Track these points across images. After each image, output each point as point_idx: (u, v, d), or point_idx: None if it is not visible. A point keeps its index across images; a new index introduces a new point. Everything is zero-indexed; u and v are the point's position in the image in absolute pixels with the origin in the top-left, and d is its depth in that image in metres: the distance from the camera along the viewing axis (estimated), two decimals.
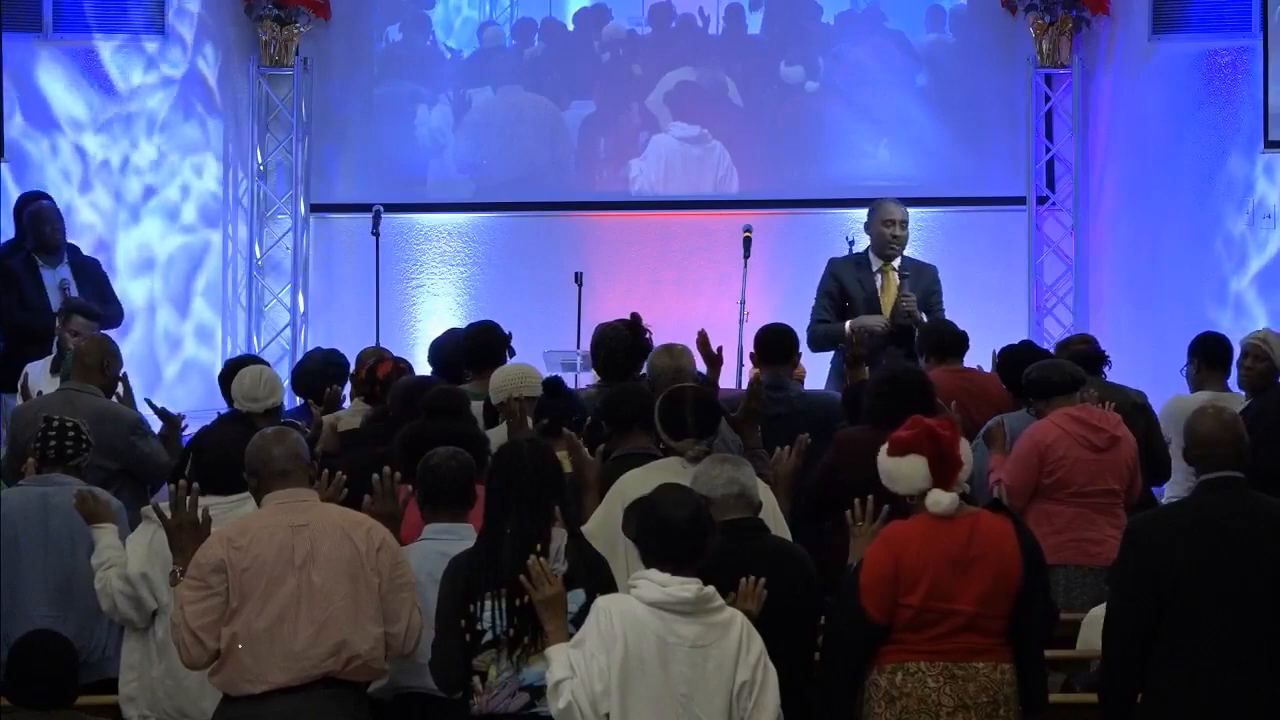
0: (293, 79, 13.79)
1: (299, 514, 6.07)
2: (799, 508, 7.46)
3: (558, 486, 6.05)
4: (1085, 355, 8.95)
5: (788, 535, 6.81)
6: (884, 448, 6.16)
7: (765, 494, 6.78)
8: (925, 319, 10.26)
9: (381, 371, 8.67)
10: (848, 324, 10.17)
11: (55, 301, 10.88)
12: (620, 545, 6.24)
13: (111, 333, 10.62)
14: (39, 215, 11.25)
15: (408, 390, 8.04)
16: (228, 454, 6.63)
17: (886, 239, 10.48)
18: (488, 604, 5.86)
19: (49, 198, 11.75)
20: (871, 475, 7.04)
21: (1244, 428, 6.06)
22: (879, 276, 10.50)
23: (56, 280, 11.06)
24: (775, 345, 8.99)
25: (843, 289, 10.45)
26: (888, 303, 10.42)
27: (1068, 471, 8.11)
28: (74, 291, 10.98)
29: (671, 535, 5.65)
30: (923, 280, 10.52)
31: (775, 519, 6.78)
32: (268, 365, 8.86)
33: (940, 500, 6.02)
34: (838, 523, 7.60)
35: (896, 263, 10.50)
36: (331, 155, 14.01)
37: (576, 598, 5.83)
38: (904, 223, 10.54)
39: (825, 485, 7.71)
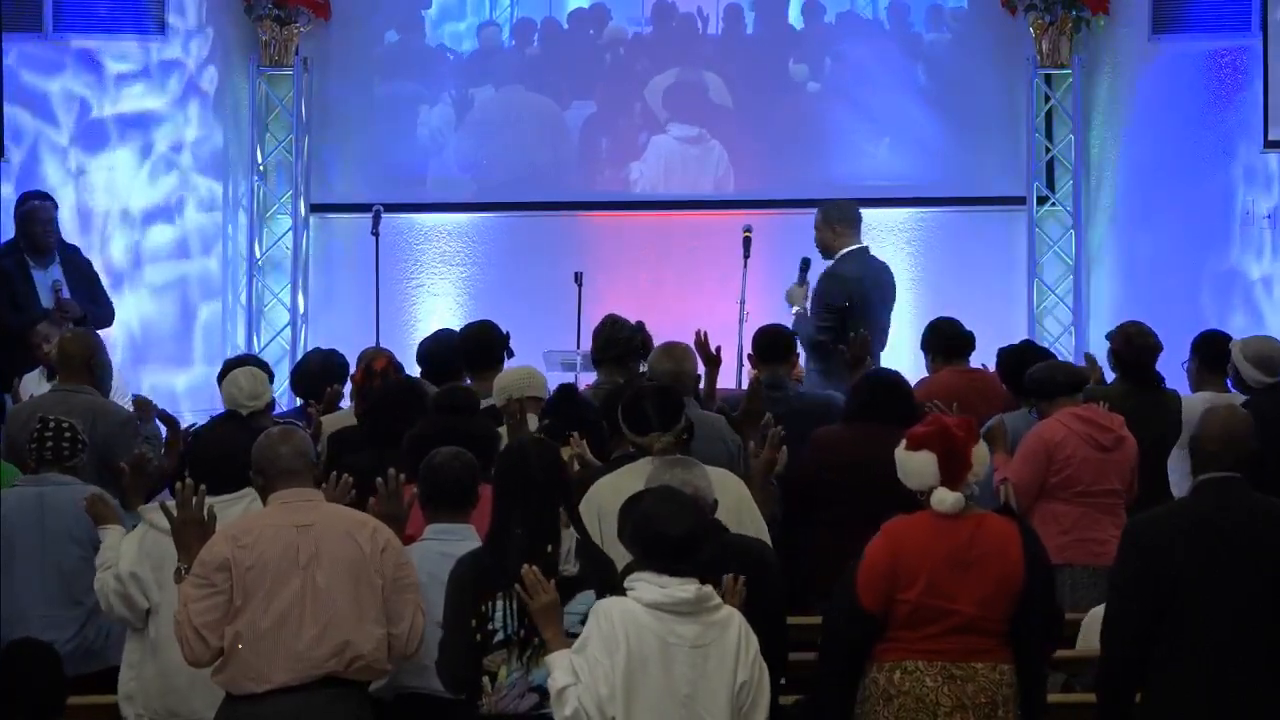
0: (293, 79, 13.77)
1: (304, 514, 6.07)
2: (788, 505, 7.47)
3: (564, 487, 6.05)
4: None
5: (764, 530, 6.77)
6: (903, 441, 6.14)
7: (741, 489, 6.78)
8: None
9: (378, 365, 8.63)
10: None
11: (48, 302, 10.86)
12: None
13: (106, 331, 10.62)
14: (30, 215, 11.17)
15: (384, 395, 8.03)
16: (220, 454, 6.64)
17: None
18: (499, 604, 5.85)
19: (48, 197, 11.71)
20: (849, 473, 7.07)
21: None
22: None
23: (49, 281, 11.02)
24: (772, 345, 9.01)
25: None
26: None
27: (1075, 470, 8.11)
28: (66, 293, 10.93)
29: (667, 549, 5.61)
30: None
31: (751, 514, 6.75)
32: (263, 365, 8.84)
33: (945, 499, 6.01)
34: (825, 523, 7.66)
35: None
36: (331, 155, 13.99)
37: (587, 599, 5.80)
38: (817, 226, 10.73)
39: (809, 484, 7.71)
